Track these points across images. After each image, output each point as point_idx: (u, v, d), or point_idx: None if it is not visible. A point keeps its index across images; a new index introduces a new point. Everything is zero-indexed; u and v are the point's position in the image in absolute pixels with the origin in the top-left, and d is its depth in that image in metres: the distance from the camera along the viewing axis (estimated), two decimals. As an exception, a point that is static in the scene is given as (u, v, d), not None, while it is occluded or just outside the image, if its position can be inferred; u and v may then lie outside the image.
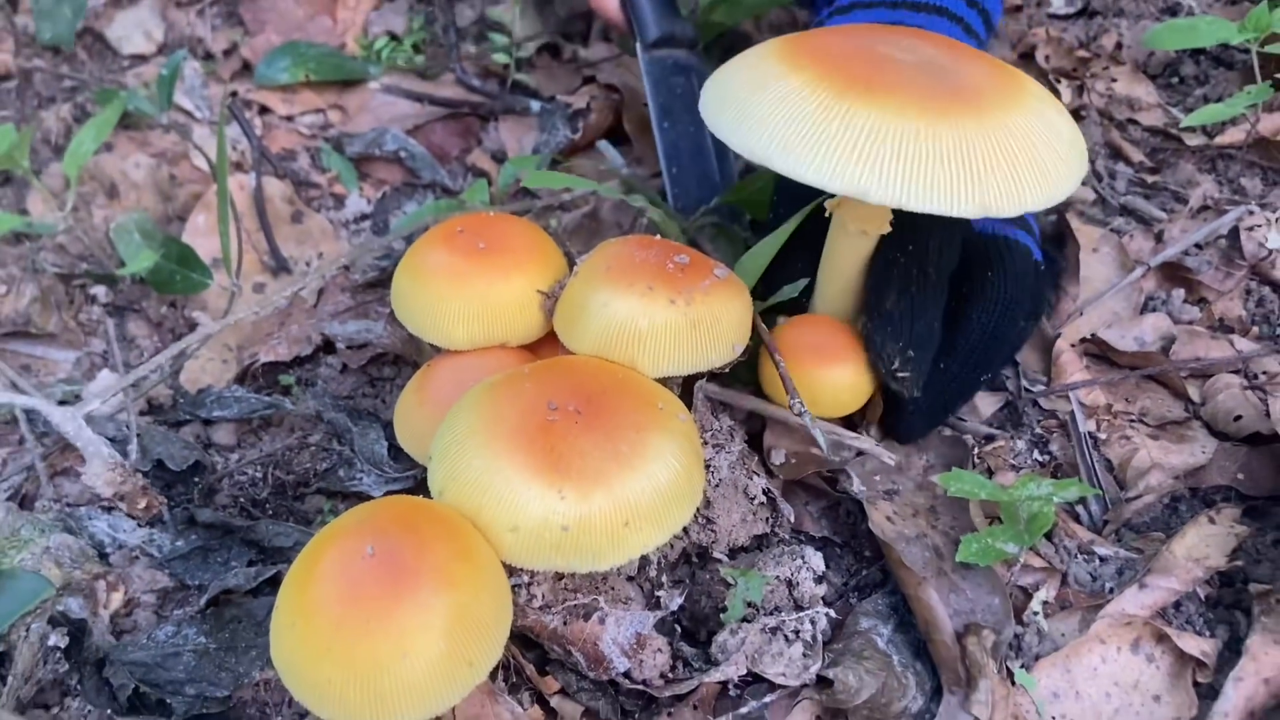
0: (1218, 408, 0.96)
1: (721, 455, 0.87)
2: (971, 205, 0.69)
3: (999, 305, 0.88)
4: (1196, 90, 1.30)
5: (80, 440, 0.77)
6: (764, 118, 0.72)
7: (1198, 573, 0.84)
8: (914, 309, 0.87)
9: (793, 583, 0.83)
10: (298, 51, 1.29)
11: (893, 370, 0.87)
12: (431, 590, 0.63)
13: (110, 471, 0.78)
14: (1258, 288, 1.07)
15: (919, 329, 0.87)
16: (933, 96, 0.71)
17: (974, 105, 0.72)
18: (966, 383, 0.92)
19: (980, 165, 0.70)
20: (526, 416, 0.72)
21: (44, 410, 0.75)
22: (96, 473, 0.78)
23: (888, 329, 0.87)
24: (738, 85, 0.76)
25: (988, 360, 0.90)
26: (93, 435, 0.77)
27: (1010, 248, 0.91)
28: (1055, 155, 0.74)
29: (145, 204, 1.16)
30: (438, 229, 0.86)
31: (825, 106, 0.70)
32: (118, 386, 0.77)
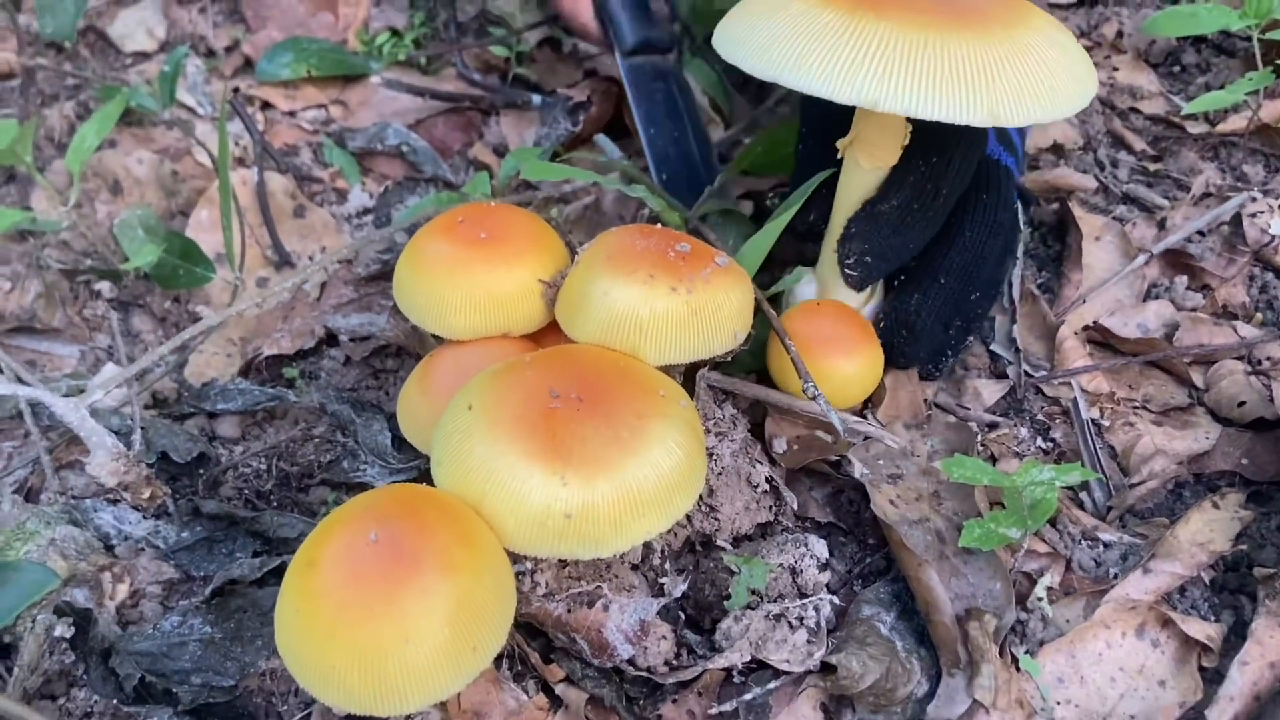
0: (1221, 394, 0.96)
1: (724, 443, 0.87)
2: (980, 113, 0.70)
3: (989, 224, 0.90)
4: (1198, 78, 1.30)
5: (84, 431, 0.77)
6: (777, 37, 0.73)
7: (1202, 557, 0.84)
8: (903, 222, 0.88)
9: (796, 570, 0.83)
10: (299, 47, 1.29)
11: (844, 263, 0.91)
12: (434, 575, 0.63)
13: (114, 461, 0.78)
14: (1261, 274, 1.06)
15: (894, 242, 0.89)
16: (941, 14, 0.72)
17: (981, 21, 0.73)
18: (960, 303, 0.93)
19: (989, 74, 0.71)
20: (529, 404, 0.72)
21: (48, 401, 0.75)
22: (101, 463, 0.78)
23: (867, 229, 0.89)
24: (753, 13, 0.78)
25: (974, 279, 0.92)
26: (96, 425, 0.77)
27: (1005, 172, 0.93)
28: (1062, 70, 0.75)
29: (149, 200, 1.16)
30: (439, 219, 0.86)
31: (836, 23, 0.72)
32: (121, 378, 0.78)
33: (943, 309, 0.92)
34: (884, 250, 0.90)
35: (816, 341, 0.89)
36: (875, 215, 0.88)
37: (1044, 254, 1.13)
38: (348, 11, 1.40)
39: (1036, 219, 1.15)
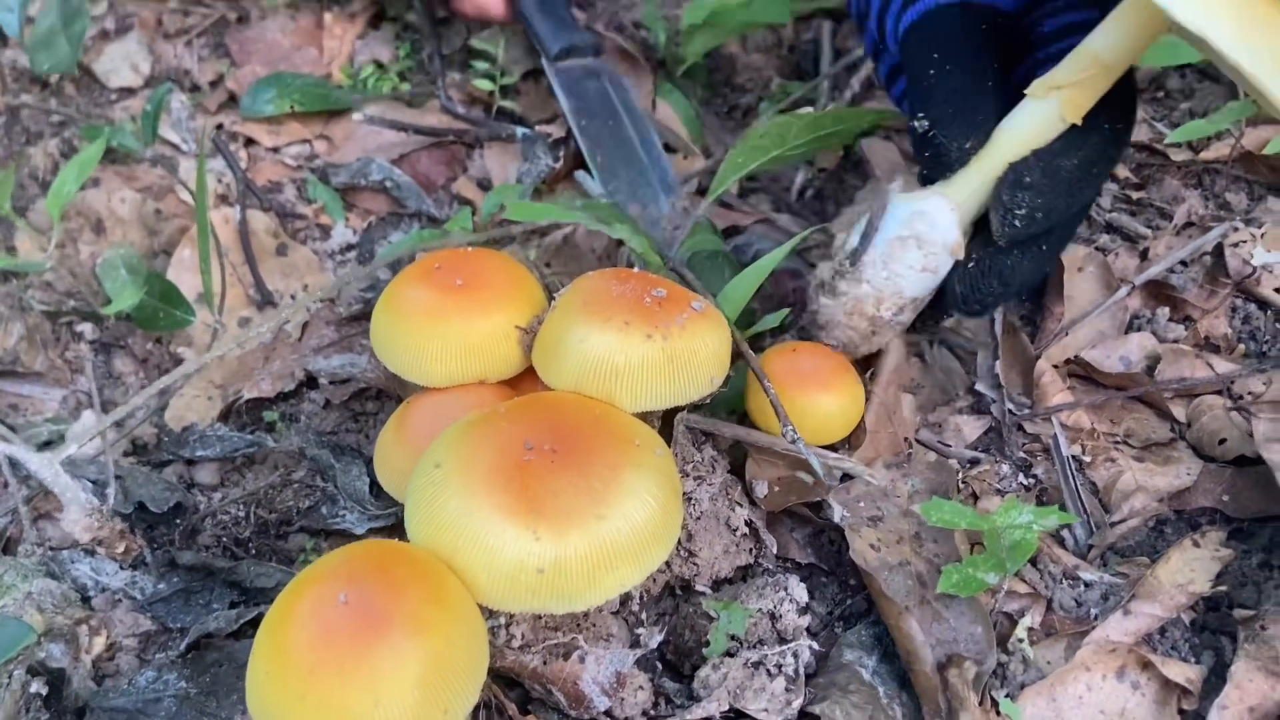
0: (1203, 430, 0.96)
1: (703, 487, 0.87)
2: None
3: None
4: (1182, 104, 1.30)
5: (58, 487, 0.77)
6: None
7: (1181, 598, 0.84)
8: (1080, 182, 0.84)
9: (775, 615, 0.83)
10: (283, 83, 1.30)
11: (1013, 211, 0.84)
12: (404, 636, 0.63)
13: (88, 517, 0.78)
14: (1243, 305, 1.06)
15: (1066, 202, 0.85)
16: None
17: None
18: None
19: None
20: (502, 456, 0.72)
21: (22, 458, 0.75)
22: (74, 519, 0.78)
23: (1045, 183, 0.83)
24: None
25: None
26: (70, 481, 0.77)
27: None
28: None
29: (132, 239, 1.17)
30: (415, 266, 0.86)
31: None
32: (98, 429, 0.78)
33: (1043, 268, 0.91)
34: (1054, 208, 0.85)
35: (795, 379, 0.89)
36: (1055, 169, 0.83)
37: (1027, 285, 1.13)
38: (332, 45, 1.40)
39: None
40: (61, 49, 1.10)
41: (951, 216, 0.87)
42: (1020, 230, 0.84)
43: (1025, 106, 0.84)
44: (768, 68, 1.39)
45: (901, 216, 0.89)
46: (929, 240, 0.88)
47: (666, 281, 0.85)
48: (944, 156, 0.86)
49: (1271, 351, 1.03)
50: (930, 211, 0.87)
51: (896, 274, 0.89)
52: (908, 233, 0.88)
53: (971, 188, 0.86)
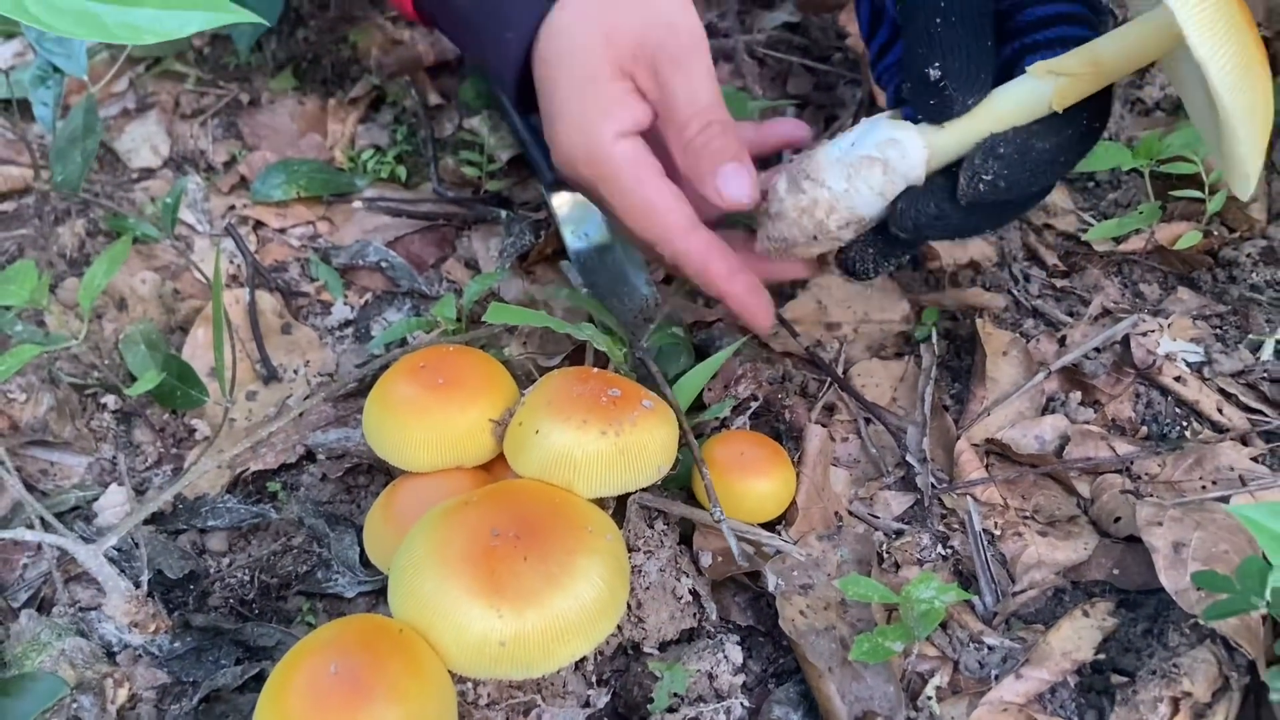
0: (1102, 508, 1.08)
1: (652, 560, 0.99)
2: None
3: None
4: (1110, 194, 1.43)
5: (102, 576, 0.89)
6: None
7: (1066, 664, 0.96)
8: (1046, 170, 0.91)
9: (713, 675, 0.95)
10: (290, 169, 1.42)
11: (979, 176, 0.90)
12: (385, 704, 0.75)
13: (128, 604, 0.91)
14: (1146, 391, 1.18)
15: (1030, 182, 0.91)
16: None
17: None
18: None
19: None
20: (472, 542, 0.84)
21: (71, 549, 0.88)
22: (116, 605, 0.91)
23: (1017, 159, 0.89)
24: None
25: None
26: (111, 571, 0.90)
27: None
28: None
29: (151, 315, 1.29)
30: (401, 364, 0.99)
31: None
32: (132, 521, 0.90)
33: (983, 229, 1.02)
34: (1018, 183, 0.91)
35: (733, 466, 1.01)
36: (1028, 148, 0.90)
37: (958, 366, 1.25)
38: (335, 129, 1.53)
39: (953, 333, 1.28)
40: (74, 163, 1.22)
41: (923, 154, 0.93)
42: (983, 195, 0.91)
43: (1021, 83, 0.90)
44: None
45: (878, 139, 0.94)
46: (895, 168, 0.94)
47: (622, 381, 0.98)
48: (948, 107, 0.91)
49: (1171, 435, 1.15)
50: (904, 142, 0.93)
51: (856, 189, 0.95)
52: (879, 155, 0.94)
53: (949, 141, 0.93)
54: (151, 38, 0.80)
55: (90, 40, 0.93)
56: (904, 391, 1.23)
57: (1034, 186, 0.94)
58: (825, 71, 1.62)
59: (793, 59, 1.63)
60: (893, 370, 1.25)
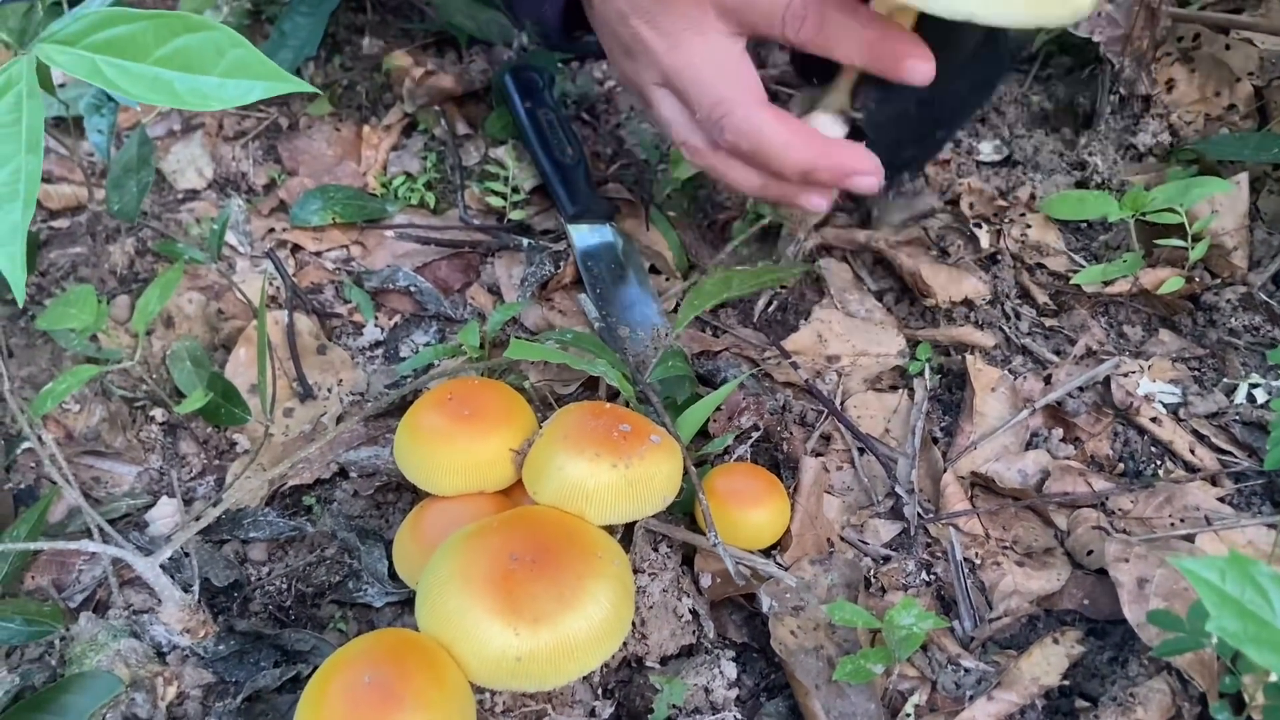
0: (1077, 540, 1.16)
1: (656, 581, 1.08)
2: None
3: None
4: (1101, 236, 1.50)
5: (157, 586, 0.98)
6: None
7: (1034, 689, 1.04)
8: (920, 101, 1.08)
9: (709, 689, 1.04)
10: (327, 195, 1.51)
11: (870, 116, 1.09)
12: (412, 711, 0.84)
13: (181, 612, 1.00)
14: (1124, 430, 1.26)
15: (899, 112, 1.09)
16: None
17: None
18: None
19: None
20: (493, 565, 0.93)
21: (130, 560, 0.97)
22: (170, 613, 1.00)
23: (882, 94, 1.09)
24: None
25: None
26: (167, 581, 0.99)
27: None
28: None
29: (196, 333, 1.38)
30: (432, 395, 1.08)
31: None
32: (182, 538, 0.99)
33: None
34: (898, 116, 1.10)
35: (732, 497, 1.10)
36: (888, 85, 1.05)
37: (949, 400, 1.33)
38: (369, 154, 1.62)
39: (946, 368, 1.36)
40: (130, 194, 1.31)
41: (839, 128, 1.12)
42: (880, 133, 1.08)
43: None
44: (745, 187, 1.60)
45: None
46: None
47: (633, 416, 1.06)
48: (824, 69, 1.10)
49: (1146, 472, 1.23)
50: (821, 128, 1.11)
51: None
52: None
53: (841, 96, 1.11)
54: (217, 105, 0.89)
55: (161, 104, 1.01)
56: (897, 423, 1.31)
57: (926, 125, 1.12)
58: (835, 108, 1.69)
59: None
60: (887, 402, 1.33)
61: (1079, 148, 1.56)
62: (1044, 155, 1.56)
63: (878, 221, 1.52)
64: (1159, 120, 1.56)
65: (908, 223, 1.51)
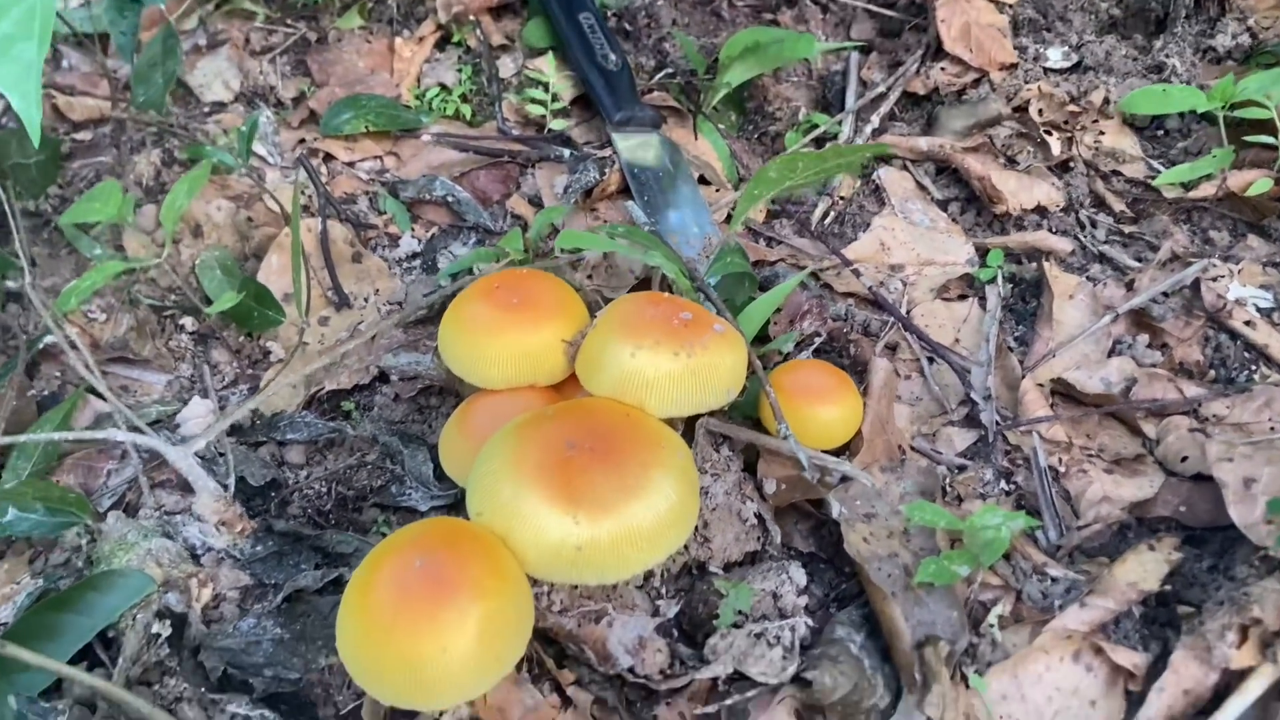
0: (1168, 448, 1.08)
1: (718, 483, 1.00)
2: None
3: None
4: (1180, 142, 1.41)
5: (192, 476, 0.92)
6: None
7: (1132, 595, 0.96)
8: None
9: (777, 594, 0.97)
10: (359, 104, 1.44)
11: None
12: (468, 599, 0.77)
13: (216, 503, 0.93)
14: (1215, 335, 1.18)
15: None
16: None
17: None
18: None
19: None
20: (548, 453, 0.86)
21: (162, 450, 0.91)
22: (205, 504, 0.94)
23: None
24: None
25: None
26: (201, 472, 0.92)
27: None
28: None
29: (225, 242, 1.32)
30: (477, 285, 1.01)
31: None
32: (221, 425, 0.92)
33: None
34: None
35: (800, 392, 1.02)
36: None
37: (1022, 309, 1.25)
38: (401, 67, 1.54)
39: (1018, 276, 1.27)
40: (156, 85, 1.25)
41: None
42: None
43: None
44: (797, 97, 1.52)
45: None
46: None
47: (694, 305, 0.99)
48: None
49: (1239, 378, 1.15)
50: None
51: None
52: None
53: None
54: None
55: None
56: (967, 333, 1.23)
57: None
58: (889, 17, 1.61)
59: (857, 4, 1.62)
60: (956, 312, 1.25)
61: (1154, 50, 1.47)
62: (1116, 59, 1.47)
63: (939, 129, 1.44)
64: (1237, 22, 1.47)
65: (971, 130, 1.43)
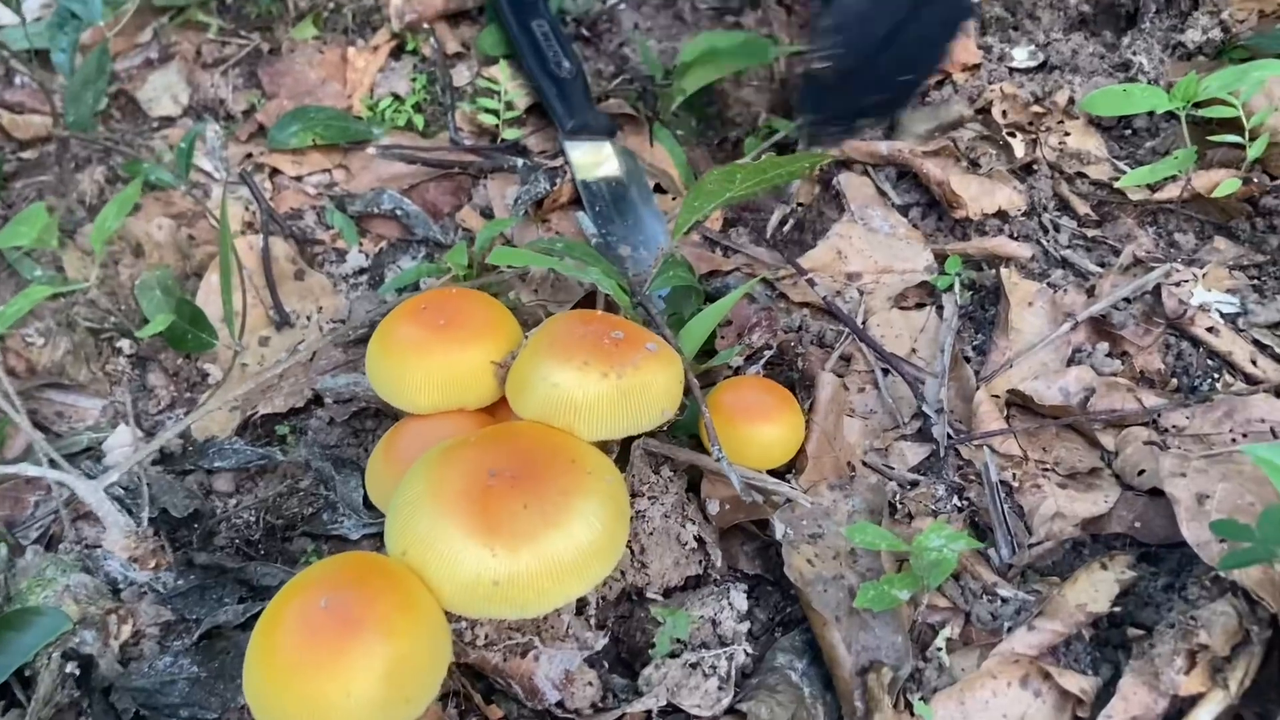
0: (1126, 460, 1.05)
1: (656, 505, 0.97)
2: None
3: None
4: (1147, 142, 1.37)
5: (102, 511, 0.89)
6: None
7: (1081, 617, 0.93)
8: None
9: (716, 621, 0.94)
10: (306, 116, 1.41)
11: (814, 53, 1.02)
12: (374, 639, 0.74)
13: (126, 539, 0.91)
14: (1176, 342, 1.14)
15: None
16: None
17: None
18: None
19: None
20: (469, 481, 0.83)
21: (71, 484, 0.88)
22: (115, 540, 0.91)
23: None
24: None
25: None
26: (111, 507, 0.90)
27: None
28: None
29: (167, 261, 1.29)
30: (404, 305, 0.98)
31: None
32: (137, 458, 0.89)
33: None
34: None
35: (740, 411, 0.99)
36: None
37: (981, 317, 1.22)
38: (354, 77, 1.52)
39: (977, 284, 1.24)
40: (84, 105, 1.24)
41: None
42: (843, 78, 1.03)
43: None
44: (758, 102, 1.48)
45: None
46: None
47: (626, 323, 0.95)
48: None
49: (1201, 387, 1.11)
50: None
51: None
52: None
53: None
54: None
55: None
56: (924, 343, 1.20)
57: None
58: (853, 18, 1.57)
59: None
60: (913, 321, 1.22)
61: (1122, 48, 1.43)
62: (1083, 58, 1.43)
63: (901, 132, 1.40)
64: (1209, 16, 1.43)
65: (933, 133, 1.39)
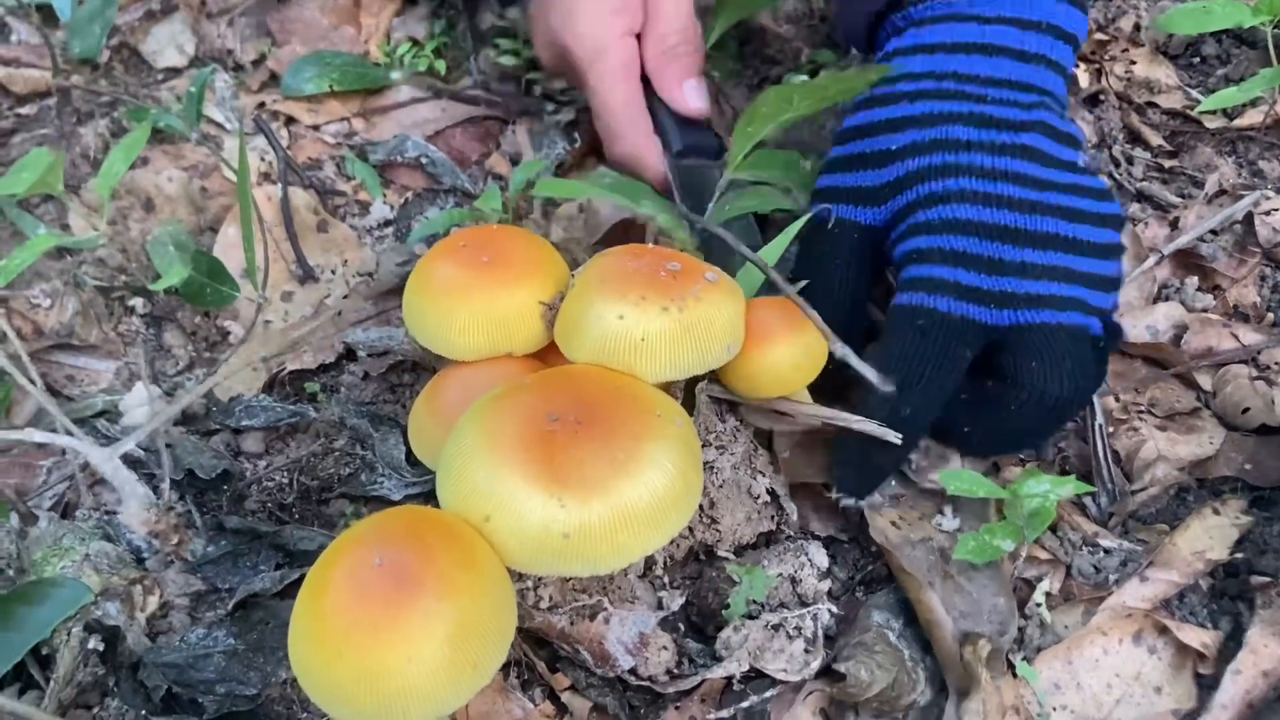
0: (1226, 400, 0.97)
1: (725, 456, 0.89)
2: None
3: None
4: (1219, 70, 1.29)
5: (117, 480, 0.81)
6: None
7: (1199, 565, 0.85)
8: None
9: (795, 579, 0.86)
10: (322, 61, 1.33)
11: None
12: (435, 598, 0.66)
13: (146, 512, 0.82)
14: (1272, 273, 1.06)
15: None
16: None
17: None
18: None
19: None
20: (527, 428, 0.74)
21: (84, 451, 0.79)
22: (133, 513, 0.83)
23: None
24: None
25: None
26: (129, 475, 0.81)
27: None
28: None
29: (179, 215, 1.21)
30: (442, 244, 0.89)
31: None
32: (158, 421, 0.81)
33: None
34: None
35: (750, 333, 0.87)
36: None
37: (1055, 255, 1.13)
38: (369, 23, 1.43)
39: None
40: (92, 35, 1.16)
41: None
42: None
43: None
44: (797, 39, 1.39)
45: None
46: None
47: (681, 255, 0.87)
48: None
49: (1301, 320, 1.03)
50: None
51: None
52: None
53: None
54: None
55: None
56: (996, 282, 1.11)
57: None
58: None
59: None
60: (983, 260, 1.13)
61: (1188, -31, 1.34)
62: (1147, -20, 1.35)
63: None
64: (1284, -66, 1.34)
65: (991, 65, 1.30)
